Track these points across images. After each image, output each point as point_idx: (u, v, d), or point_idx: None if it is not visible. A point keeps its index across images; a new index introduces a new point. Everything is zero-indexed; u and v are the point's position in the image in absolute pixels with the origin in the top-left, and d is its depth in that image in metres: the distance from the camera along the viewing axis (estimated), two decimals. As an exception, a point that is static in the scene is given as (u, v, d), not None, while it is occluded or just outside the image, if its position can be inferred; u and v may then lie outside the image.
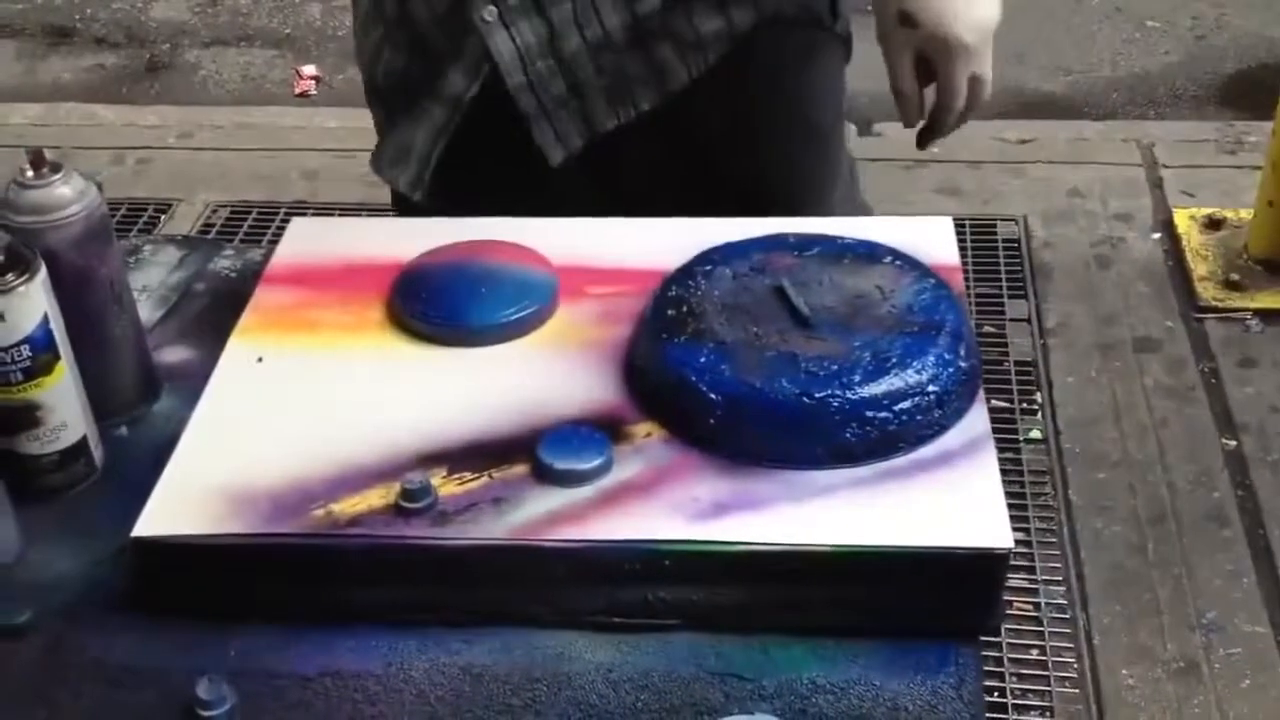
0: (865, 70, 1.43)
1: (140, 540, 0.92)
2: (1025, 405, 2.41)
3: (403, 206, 1.42)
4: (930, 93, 1.27)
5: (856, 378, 0.95)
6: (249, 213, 3.03)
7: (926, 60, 1.25)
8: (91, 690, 0.90)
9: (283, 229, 1.24)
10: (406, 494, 0.91)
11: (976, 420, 0.97)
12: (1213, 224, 2.78)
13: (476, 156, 1.33)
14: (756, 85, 1.35)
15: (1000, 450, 0.96)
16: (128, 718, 0.89)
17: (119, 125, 3.39)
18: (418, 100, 1.33)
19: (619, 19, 1.27)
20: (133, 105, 3.55)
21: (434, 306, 1.09)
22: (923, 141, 1.31)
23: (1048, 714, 1.92)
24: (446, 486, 0.93)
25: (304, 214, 2.95)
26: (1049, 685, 1.95)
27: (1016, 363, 2.50)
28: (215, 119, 3.41)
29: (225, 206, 3.06)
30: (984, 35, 1.22)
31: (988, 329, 2.53)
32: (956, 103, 1.26)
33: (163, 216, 3.03)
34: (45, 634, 0.94)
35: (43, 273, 0.97)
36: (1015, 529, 0.89)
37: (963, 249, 1.17)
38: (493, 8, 1.25)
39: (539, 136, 1.30)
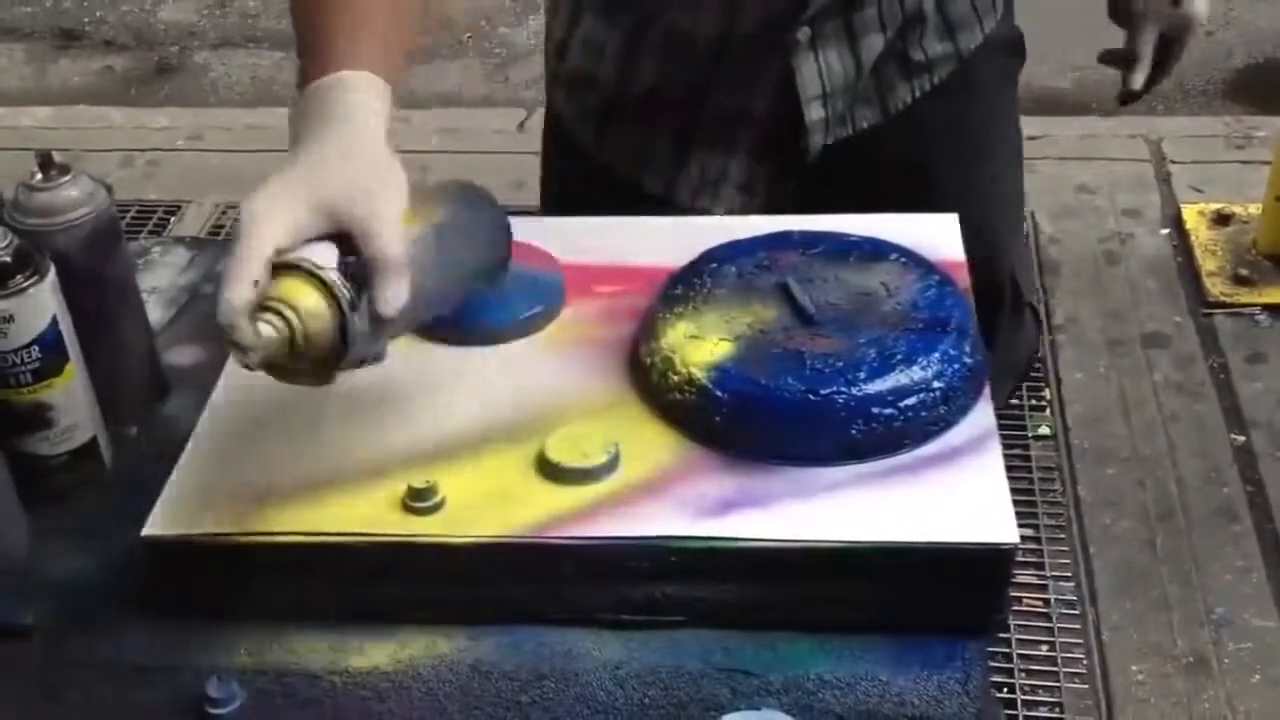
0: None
1: (149, 540, 0.93)
2: (1034, 401, 2.41)
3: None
4: None
5: (862, 374, 0.95)
6: (258, 214, 3.04)
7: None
8: (101, 689, 0.91)
9: (290, 230, 1.25)
10: (413, 493, 0.92)
11: (982, 416, 0.97)
12: (1221, 219, 2.78)
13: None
14: (974, 113, 1.39)
15: (1009, 446, 0.96)
16: (137, 717, 0.89)
17: (128, 127, 3.40)
18: (720, 128, 1.32)
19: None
20: (142, 107, 3.56)
21: (441, 306, 1.09)
22: (1127, 101, 1.47)
23: (1057, 709, 1.92)
24: (453, 485, 0.93)
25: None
26: (1058, 681, 1.95)
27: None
28: (224, 121, 3.41)
29: (234, 208, 3.06)
30: None
31: (996, 325, 2.53)
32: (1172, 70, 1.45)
33: (172, 218, 3.04)
34: (54, 633, 0.94)
35: (52, 274, 0.97)
36: (1024, 525, 0.90)
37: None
38: (807, 29, 1.25)
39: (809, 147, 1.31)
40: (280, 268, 0.83)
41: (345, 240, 0.85)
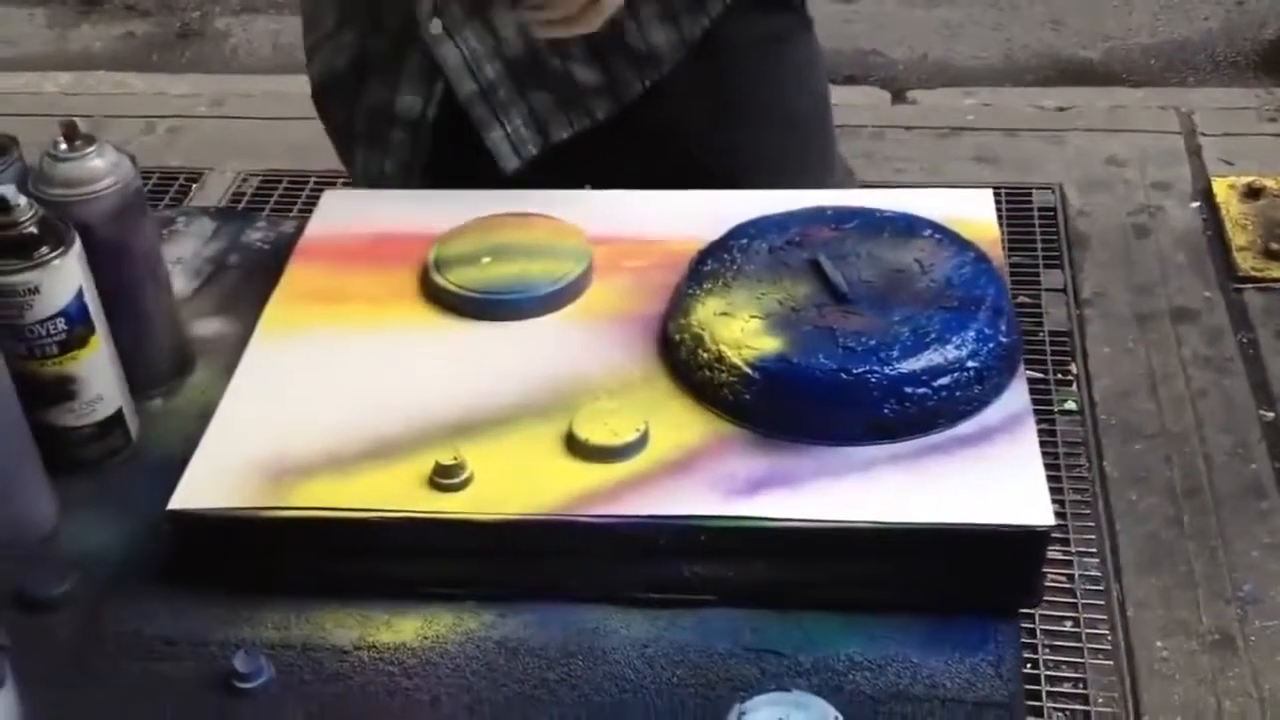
0: (899, 36, 1.42)
1: (176, 513, 0.92)
2: (1060, 376, 2.39)
3: None
4: None
5: (895, 353, 0.94)
6: (280, 182, 3.03)
7: None
8: (129, 662, 0.91)
9: (313, 198, 1.24)
10: (441, 469, 0.91)
11: (1017, 396, 0.96)
12: (1252, 192, 2.75)
13: (440, 179, 1.32)
14: (727, 75, 1.33)
15: (1035, 422, 0.95)
16: (165, 690, 0.89)
17: (150, 94, 3.40)
18: (374, 125, 1.33)
19: None
20: (163, 74, 3.55)
21: (468, 279, 1.08)
22: None
23: (1081, 686, 1.91)
24: (481, 462, 0.92)
25: (334, 184, 2.94)
26: (1083, 657, 1.94)
27: (1052, 333, 2.48)
28: (246, 87, 3.40)
29: (256, 175, 3.06)
30: None
31: (1023, 299, 2.51)
32: None
33: (194, 186, 3.03)
34: (82, 606, 0.94)
35: (77, 246, 0.97)
36: (1050, 501, 0.88)
37: (998, 217, 1.15)
38: (438, 20, 1.23)
39: (492, 144, 1.27)
40: None
41: None
